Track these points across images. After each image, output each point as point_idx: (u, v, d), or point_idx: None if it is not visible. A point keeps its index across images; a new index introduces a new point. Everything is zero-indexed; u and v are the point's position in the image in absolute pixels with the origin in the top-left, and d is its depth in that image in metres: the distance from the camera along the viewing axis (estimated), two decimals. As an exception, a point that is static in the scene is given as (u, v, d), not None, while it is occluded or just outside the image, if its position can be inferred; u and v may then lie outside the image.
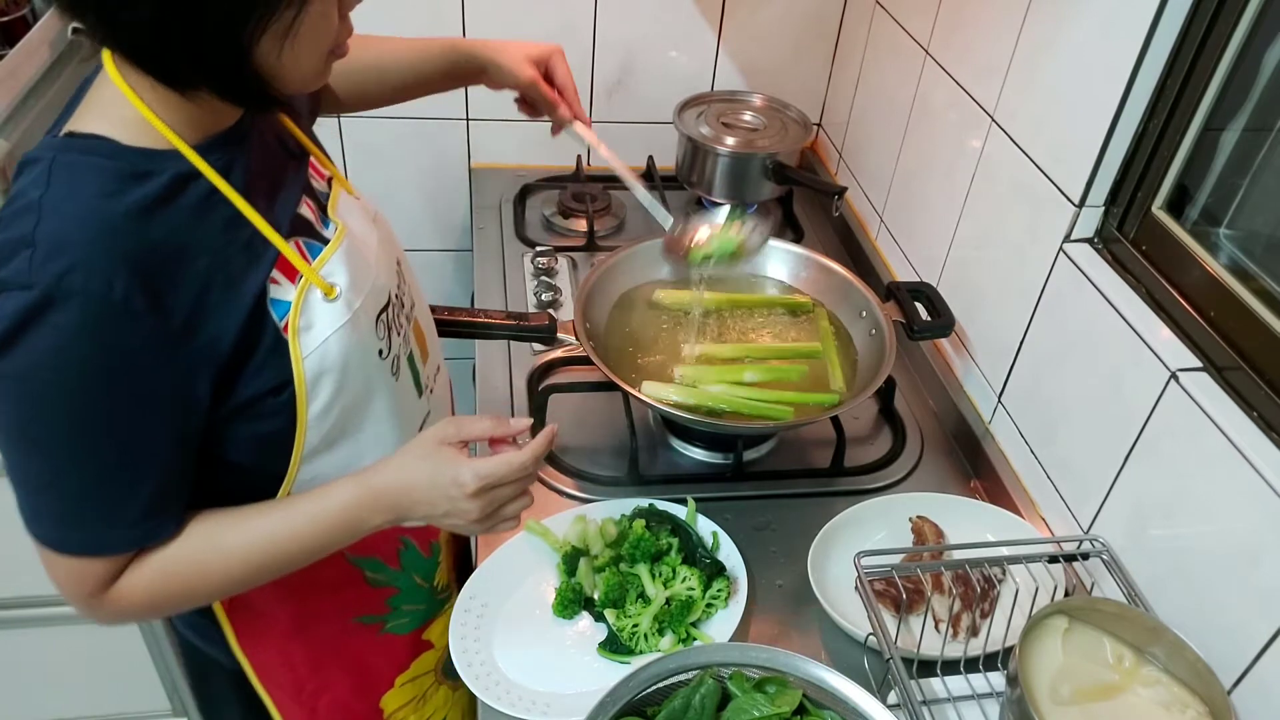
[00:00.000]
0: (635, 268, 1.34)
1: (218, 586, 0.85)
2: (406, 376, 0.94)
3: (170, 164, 0.72)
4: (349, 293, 0.83)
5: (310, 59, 0.72)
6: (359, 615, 1.04)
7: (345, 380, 0.83)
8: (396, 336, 0.91)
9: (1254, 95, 0.92)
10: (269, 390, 0.79)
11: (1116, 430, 1.00)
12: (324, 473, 0.86)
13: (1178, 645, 0.86)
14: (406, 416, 0.94)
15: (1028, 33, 1.15)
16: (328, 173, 0.93)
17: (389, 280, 0.92)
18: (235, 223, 0.76)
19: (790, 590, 1.09)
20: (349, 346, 0.82)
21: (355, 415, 0.87)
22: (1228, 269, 0.92)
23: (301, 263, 0.80)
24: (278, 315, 0.78)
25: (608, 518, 1.10)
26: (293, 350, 0.79)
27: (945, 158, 1.37)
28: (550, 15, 1.65)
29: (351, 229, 0.89)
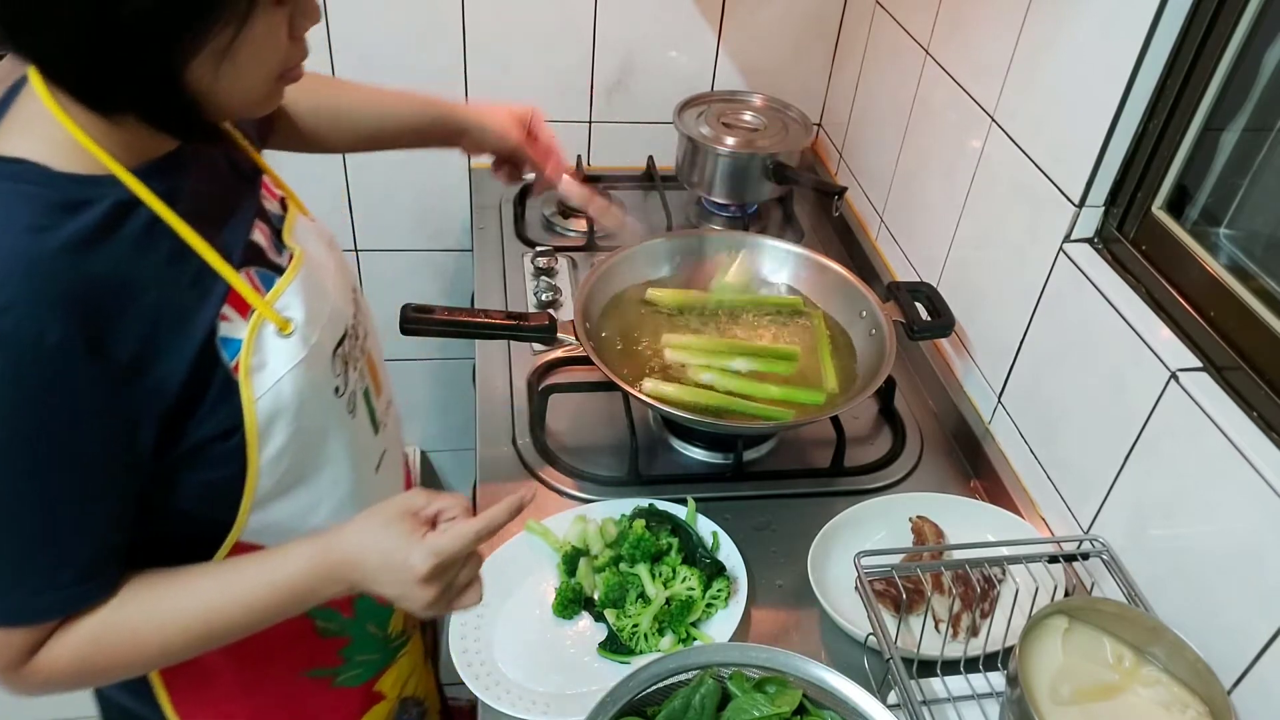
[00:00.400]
0: (635, 268, 1.34)
1: (154, 657, 0.77)
2: (363, 413, 0.89)
3: (108, 191, 0.66)
4: (305, 327, 0.77)
5: (253, 81, 0.67)
6: (309, 669, 0.95)
7: (300, 422, 0.77)
8: (353, 372, 0.86)
9: (1254, 95, 0.92)
10: (218, 435, 0.72)
11: (1116, 430, 1.00)
12: (277, 520, 0.80)
13: (1178, 645, 0.86)
14: (363, 457, 0.89)
15: (1028, 33, 1.15)
16: (280, 193, 0.87)
17: (346, 309, 0.86)
18: (181, 254, 0.70)
19: (790, 590, 1.09)
20: (304, 385, 0.76)
21: (311, 459, 0.80)
22: (1228, 269, 0.92)
23: (254, 295, 0.74)
24: (228, 355, 0.72)
25: (608, 518, 1.10)
26: (244, 392, 0.72)
27: (945, 158, 1.37)
28: (550, 15, 1.65)
29: (309, 254, 0.83)
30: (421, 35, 1.63)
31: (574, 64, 1.71)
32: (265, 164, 0.86)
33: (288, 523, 0.81)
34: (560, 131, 1.76)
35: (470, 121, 1.12)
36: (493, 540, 1.08)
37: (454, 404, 2.12)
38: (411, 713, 1.12)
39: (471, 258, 1.62)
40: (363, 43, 1.62)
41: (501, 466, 1.21)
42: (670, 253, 1.37)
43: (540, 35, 1.67)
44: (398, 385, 1.35)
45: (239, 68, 0.64)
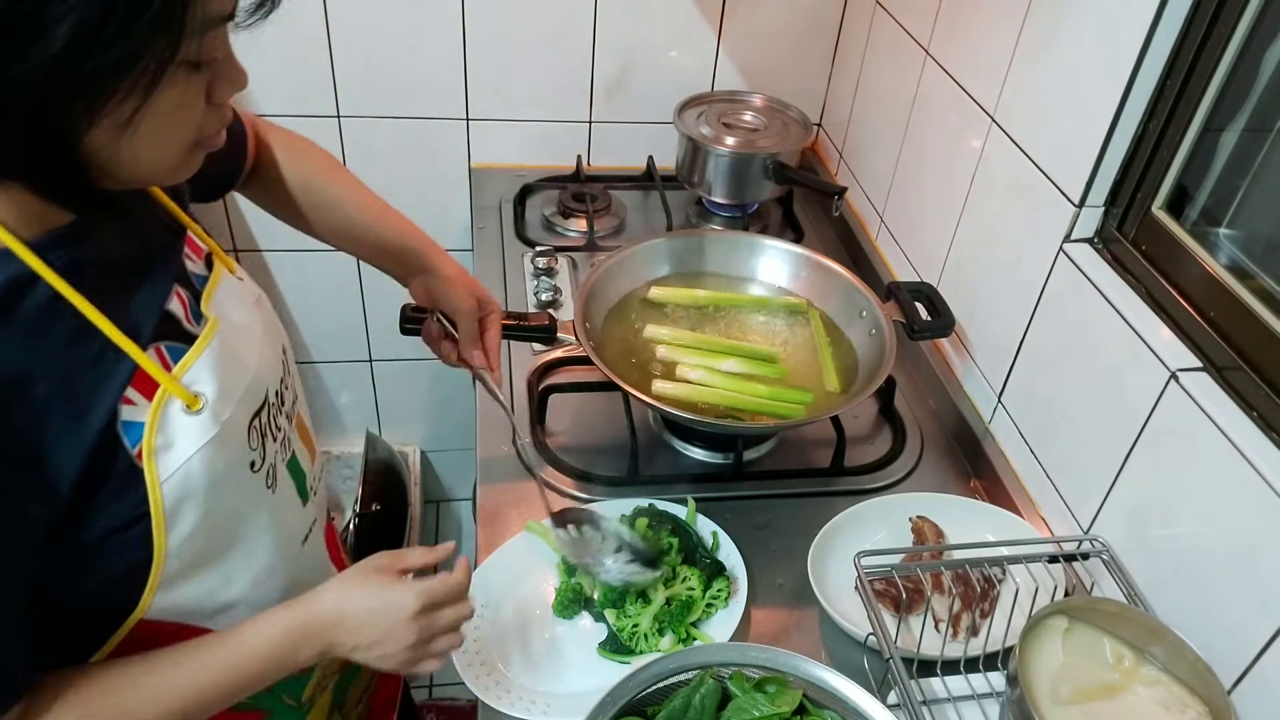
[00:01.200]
0: (635, 268, 1.34)
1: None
2: (286, 485, 0.83)
3: (0, 268, 0.59)
4: (216, 402, 0.71)
5: (163, 152, 0.62)
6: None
7: (212, 503, 0.71)
8: (272, 443, 0.79)
9: (1254, 95, 0.92)
10: (118, 527, 0.66)
11: (1116, 430, 1.00)
12: (182, 601, 0.74)
13: (1178, 645, 0.86)
14: (286, 530, 0.83)
15: (1028, 33, 1.15)
16: (206, 249, 0.80)
17: (270, 377, 0.80)
18: (82, 335, 0.63)
19: (790, 590, 1.09)
20: (216, 463, 0.70)
21: (223, 538, 0.75)
22: (1228, 269, 0.92)
23: (160, 373, 0.67)
24: (130, 442, 0.65)
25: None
26: (149, 476, 0.66)
27: (945, 158, 1.37)
28: (550, 15, 1.65)
29: (229, 320, 0.76)
30: (421, 35, 1.63)
31: (574, 64, 1.71)
32: (189, 219, 0.80)
33: (196, 601, 0.76)
34: (560, 131, 1.78)
35: (440, 274, 1.05)
36: (493, 540, 1.09)
37: (454, 404, 2.12)
38: None
39: (471, 258, 1.62)
40: (363, 43, 1.62)
41: (501, 466, 1.21)
42: (670, 253, 1.37)
43: (540, 35, 1.67)
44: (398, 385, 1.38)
45: (144, 138, 0.59)
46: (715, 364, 1.23)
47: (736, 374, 1.22)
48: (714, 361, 1.23)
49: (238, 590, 0.79)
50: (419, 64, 1.66)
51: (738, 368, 1.23)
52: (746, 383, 1.21)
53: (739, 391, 1.20)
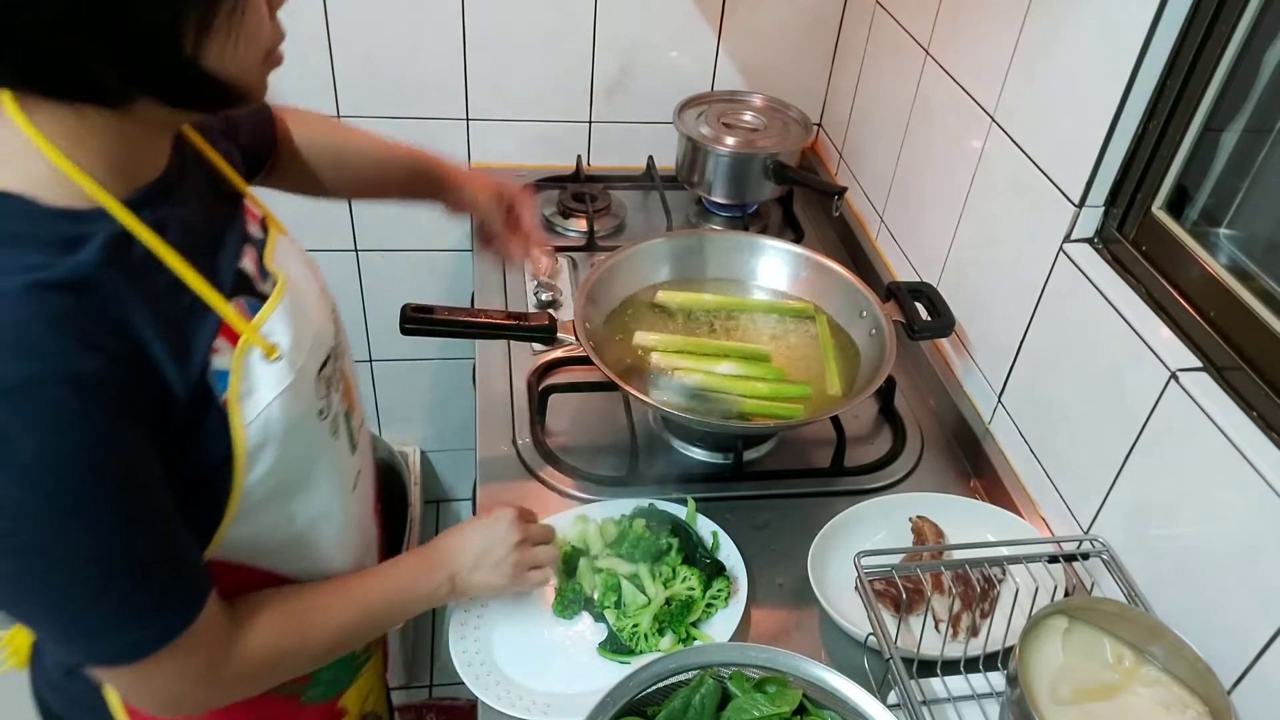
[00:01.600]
0: (635, 268, 1.34)
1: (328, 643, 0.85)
2: (343, 435, 0.88)
3: (100, 225, 0.63)
4: (291, 351, 0.76)
5: (251, 63, 0.66)
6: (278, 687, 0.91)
7: (286, 447, 0.76)
8: (335, 393, 0.85)
9: (1254, 95, 0.92)
10: (212, 466, 0.71)
11: (1116, 430, 1.00)
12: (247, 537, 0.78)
13: (1178, 645, 0.86)
14: (344, 477, 0.88)
15: (1028, 33, 1.15)
16: (260, 213, 0.85)
17: (328, 331, 0.85)
18: (175, 287, 0.68)
19: (790, 590, 1.09)
20: (292, 410, 0.75)
21: (293, 482, 0.80)
22: (1228, 269, 0.92)
23: (243, 324, 0.72)
24: (219, 388, 0.70)
25: (608, 518, 1.10)
26: (233, 420, 0.71)
27: (945, 158, 1.37)
28: (550, 15, 1.65)
29: (292, 279, 0.81)
30: (421, 35, 1.63)
31: (574, 64, 1.71)
32: (245, 186, 0.84)
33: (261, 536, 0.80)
34: (560, 131, 1.78)
35: (454, 183, 1.14)
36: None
37: (454, 404, 2.12)
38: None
39: (471, 258, 1.62)
40: (363, 43, 1.62)
41: (501, 466, 1.21)
42: (670, 253, 1.37)
43: (540, 35, 1.67)
44: (398, 385, 1.37)
45: (241, 48, 0.63)
46: (711, 367, 1.23)
47: (734, 375, 1.22)
48: (710, 365, 1.23)
49: (298, 528, 0.84)
50: (419, 64, 1.66)
51: (734, 369, 1.23)
52: (745, 383, 1.22)
53: (740, 393, 1.20)
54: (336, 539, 0.89)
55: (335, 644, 0.85)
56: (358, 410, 0.96)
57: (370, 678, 1.08)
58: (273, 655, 0.79)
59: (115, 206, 0.65)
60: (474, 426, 1.27)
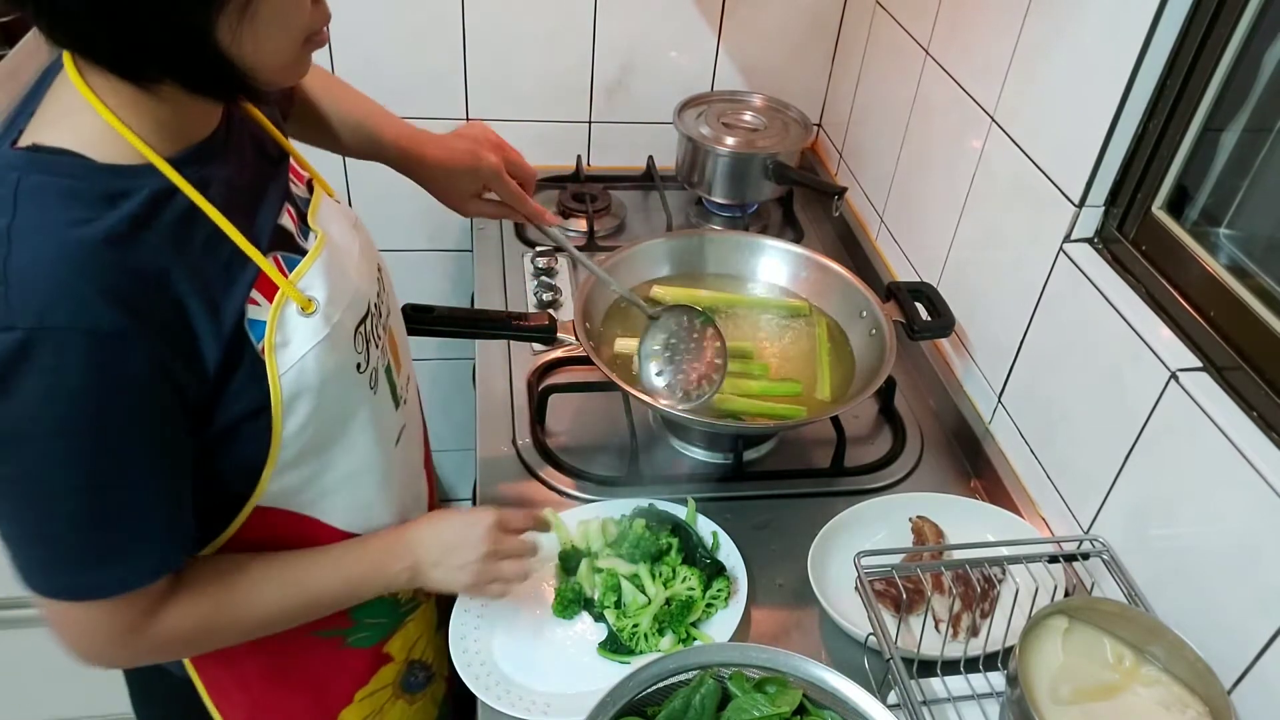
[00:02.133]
0: (635, 268, 1.34)
1: (266, 620, 0.85)
2: (384, 389, 0.91)
3: (145, 181, 0.68)
4: (327, 306, 0.79)
5: (279, 45, 0.68)
6: (320, 630, 0.97)
7: (323, 398, 0.80)
8: (375, 349, 0.88)
9: (1254, 95, 0.92)
10: (248, 415, 0.75)
11: (1116, 430, 1.00)
12: (289, 485, 0.83)
13: (1178, 645, 0.86)
14: (384, 431, 0.91)
15: (1028, 33, 1.15)
16: (307, 175, 0.89)
17: (369, 289, 0.89)
18: (214, 241, 0.72)
19: (790, 590, 1.09)
20: (327, 363, 0.79)
21: (332, 432, 0.84)
22: (1228, 269, 0.92)
23: (280, 277, 0.76)
24: (255, 337, 0.74)
25: (608, 518, 1.10)
26: (269, 369, 0.75)
27: (945, 158, 1.37)
28: (550, 15, 1.65)
29: (332, 237, 0.85)
30: (421, 35, 1.63)
31: (574, 64, 1.71)
32: (291, 147, 0.88)
33: (301, 485, 0.85)
34: (560, 131, 1.78)
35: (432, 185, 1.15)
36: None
37: (454, 404, 2.12)
38: (418, 676, 1.15)
39: (471, 258, 1.62)
40: (363, 43, 1.62)
41: (501, 466, 1.21)
42: (670, 253, 1.37)
43: (540, 35, 1.67)
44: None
45: (261, 29, 0.65)
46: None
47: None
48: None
49: (338, 476, 0.87)
50: (419, 64, 1.66)
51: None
52: (738, 381, 1.21)
53: (730, 393, 1.20)
54: (379, 492, 0.92)
55: (273, 622, 0.86)
56: (404, 367, 0.99)
57: (419, 625, 1.11)
58: (193, 632, 0.80)
59: (161, 163, 0.68)
60: (474, 426, 1.27)
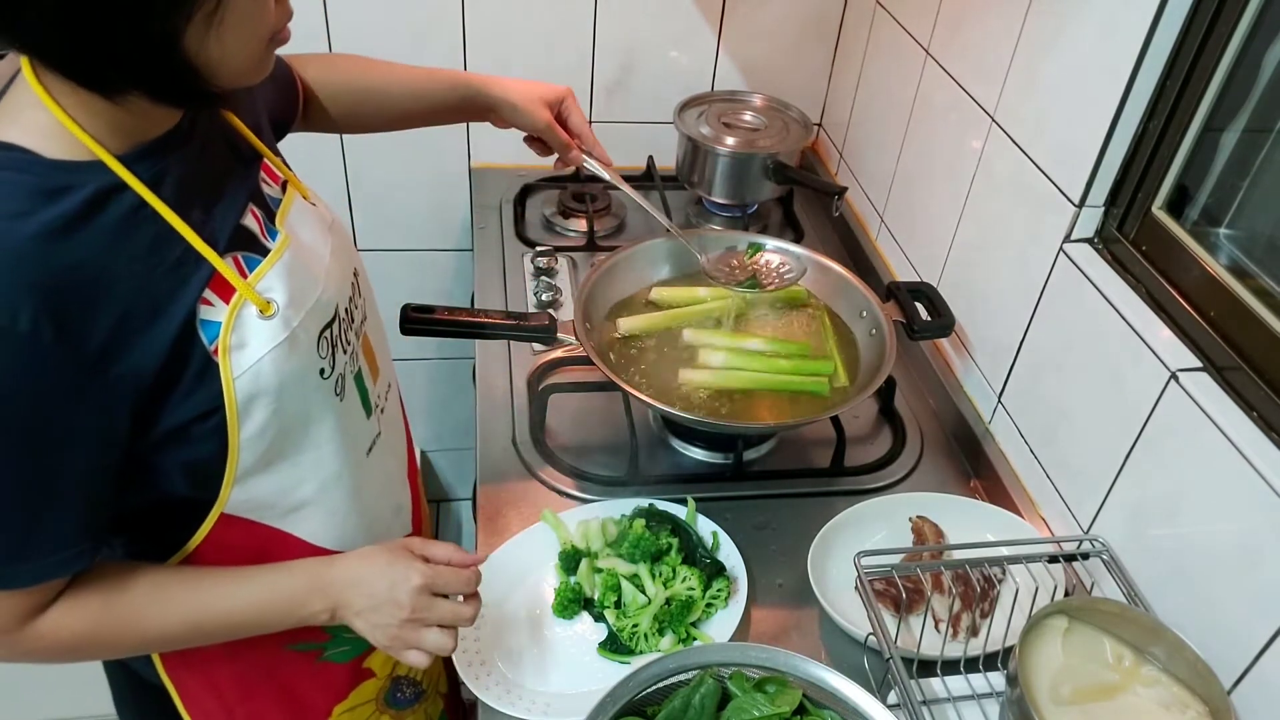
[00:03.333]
0: (635, 268, 1.34)
1: (150, 641, 0.82)
2: (353, 396, 0.89)
3: (91, 177, 0.66)
4: (287, 309, 0.77)
5: (244, 47, 0.67)
6: (294, 642, 0.95)
7: (281, 402, 0.78)
8: (342, 354, 0.86)
9: (1254, 95, 0.92)
10: (196, 416, 0.74)
11: (1116, 430, 1.00)
12: (258, 495, 0.82)
13: (1178, 645, 0.86)
14: (352, 439, 0.89)
15: (1028, 33, 1.15)
16: (282, 176, 0.88)
17: (338, 294, 0.86)
18: (164, 240, 0.70)
19: (790, 590, 1.09)
20: (285, 367, 0.77)
21: (293, 438, 0.81)
22: (1228, 269, 0.92)
23: (237, 278, 0.75)
24: (208, 337, 0.73)
25: (608, 518, 1.10)
26: (223, 371, 0.73)
27: (945, 158, 1.37)
28: (550, 15, 1.65)
29: (299, 239, 0.83)
30: (421, 35, 1.63)
31: (574, 64, 1.71)
32: (265, 149, 0.87)
33: (270, 497, 0.83)
34: (560, 132, 1.78)
35: (500, 100, 1.16)
36: (493, 540, 1.09)
37: (454, 404, 2.12)
38: (405, 692, 1.12)
39: (471, 258, 1.62)
40: (363, 43, 1.61)
41: (501, 466, 1.21)
42: (670, 253, 1.37)
43: (540, 35, 1.67)
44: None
45: (227, 34, 0.64)
46: (741, 344, 1.25)
47: (760, 352, 1.25)
48: (739, 342, 1.26)
49: (309, 491, 0.85)
50: (419, 64, 1.65)
51: (762, 346, 1.26)
52: (770, 360, 1.23)
53: (765, 370, 1.21)
54: (349, 502, 0.89)
55: (171, 641, 0.83)
56: (382, 375, 0.97)
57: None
58: (71, 643, 0.77)
59: (110, 159, 0.67)
60: (474, 426, 1.27)
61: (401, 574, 0.83)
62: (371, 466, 0.94)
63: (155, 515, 0.81)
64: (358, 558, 0.85)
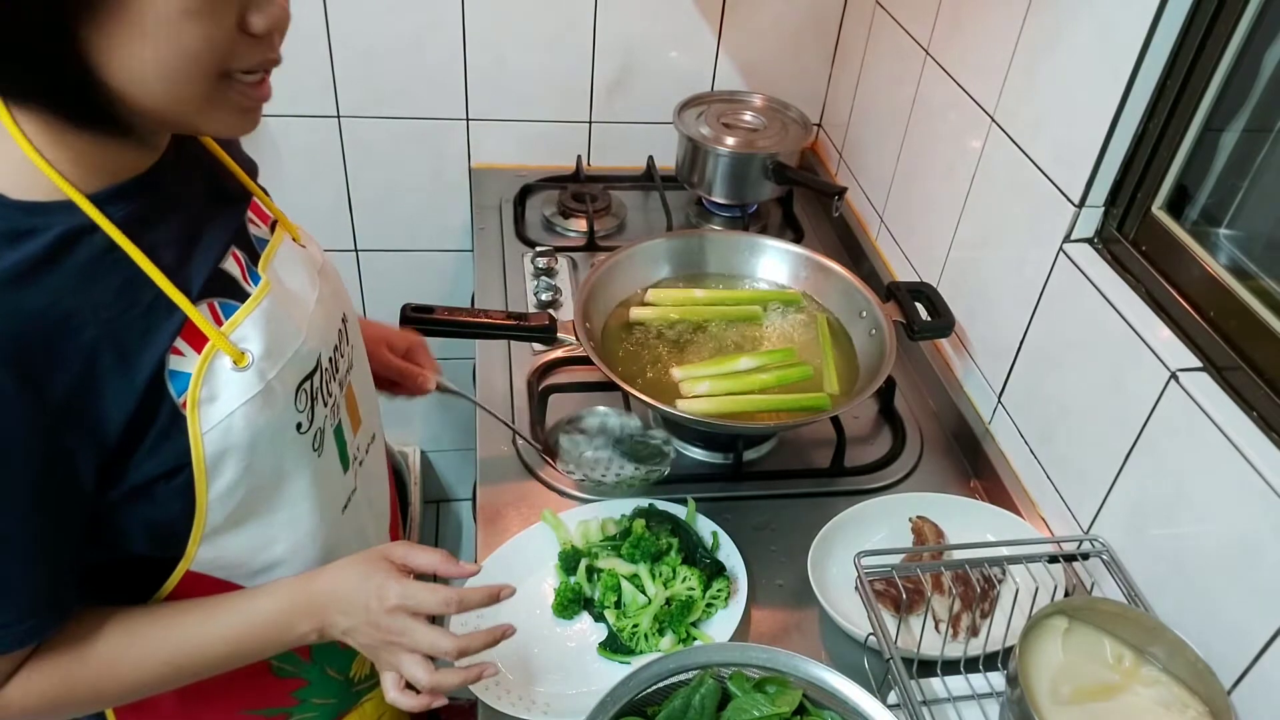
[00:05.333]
0: (635, 268, 1.34)
1: (129, 690, 0.76)
2: (331, 451, 0.83)
3: (58, 219, 0.62)
4: (262, 360, 0.72)
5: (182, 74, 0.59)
6: (254, 708, 0.91)
7: (253, 458, 0.73)
8: (322, 408, 0.80)
9: (1254, 95, 0.92)
10: (162, 474, 0.69)
11: (1116, 430, 1.00)
12: (227, 554, 0.77)
13: (1178, 645, 0.86)
14: (328, 496, 0.84)
15: (1028, 33, 1.15)
16: (272, 216, 0.83)
17: (322, 343, 0.81)
18: (134, 285, 0.66)
19: (790, 590, 1.09)
20: (259, 421, 0.72)
21: (266, 495, 0.76)
22: (1228, 269, 0.92)
23: (210, 327, 0.70)
24: (176, 390, 0.68)
25: (608, 517, 1.10)
26: (191, 426, 0.68)
27: (945, 158, 1.37)
28: (550, 15, 1.65)
29: (282, 284, 0.78)
30: (421, 35, 1.63)
31: (574, 64, 1.71)
32: (255, 188, 0.83)
33: (240, 556, 0.78)
34: (560, 131, 1.78)
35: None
36: (493, 540, 1.09)
37: (454, 404, 2.12)
38: None
39: (471, 258, 1.62)
40: (363, 42, 1.62)
41: (501, 466, 1.21)
42: (670, 253, 1.37)
43: (540, 35, 1.67)
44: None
45: (136, 44, 0.57)
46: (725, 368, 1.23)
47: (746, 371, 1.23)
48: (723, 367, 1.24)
49: (280, 551, 0.80)
50: (419, 64, 1.66)
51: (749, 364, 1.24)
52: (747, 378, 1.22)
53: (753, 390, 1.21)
54: (322, 562, 0.83)
55: (146, 688, 0.77)
56: (362, 428, 0.91)
57: (377, 707, 1.04)
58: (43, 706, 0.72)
59: (79, 199, 0.63)
60: (474, 426, 1.27)
61: (375, 591, 0.77)
62: (346, 523, 0.89)
63: (117, 573, 0.76)
64: (336, 570, 0.79)
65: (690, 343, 1.29)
